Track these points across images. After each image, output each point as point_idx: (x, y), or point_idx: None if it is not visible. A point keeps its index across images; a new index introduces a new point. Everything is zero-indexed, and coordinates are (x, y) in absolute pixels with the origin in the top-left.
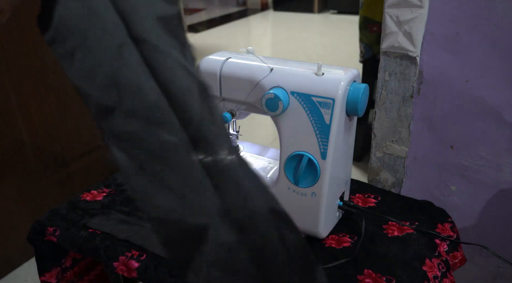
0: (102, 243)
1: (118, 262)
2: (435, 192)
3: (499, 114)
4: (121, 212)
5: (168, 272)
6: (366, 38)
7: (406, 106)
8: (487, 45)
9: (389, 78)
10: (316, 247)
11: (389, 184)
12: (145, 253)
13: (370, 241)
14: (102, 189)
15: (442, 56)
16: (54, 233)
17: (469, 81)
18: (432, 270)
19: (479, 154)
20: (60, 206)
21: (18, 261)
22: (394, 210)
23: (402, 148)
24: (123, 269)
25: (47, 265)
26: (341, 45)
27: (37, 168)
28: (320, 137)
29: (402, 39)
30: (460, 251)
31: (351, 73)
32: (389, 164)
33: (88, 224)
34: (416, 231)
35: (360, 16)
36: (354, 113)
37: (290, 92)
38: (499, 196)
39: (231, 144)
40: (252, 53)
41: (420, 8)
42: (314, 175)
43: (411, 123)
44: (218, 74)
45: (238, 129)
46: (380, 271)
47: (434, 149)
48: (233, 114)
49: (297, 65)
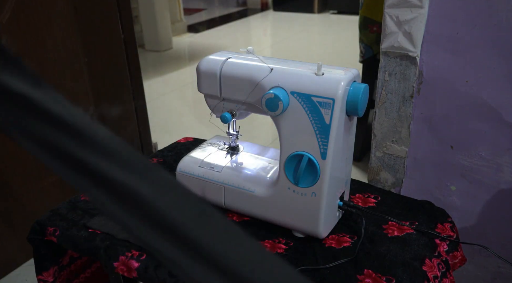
0: (102, 243)
1: (118, 262)
2: (435, 192)
3: (499, 114)
4: None
5: (168, 272)
6: (366, 38)
7: (406, 106)
8: (487, 45)
9: (389, 78)
10: (316, 247)
11: (389, 184)
12: (145, 253)
13: (370, 241)
14: None
15: (442, 56)
16: (54, 233)
17: (469, 81)
18: (432, 270)
19: (479, 154)
20: (60, 206)
21: (18, 261)
22: (394, 210)
23: (402, 148)
24: (123, 269)
25: (45, 265)
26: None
27: (37, 168)
28: (320, 137)
29: (402, 39)
30: (460, 251)
31: (351, 73)
32: (389, 164)
33: (88, 224)
34: (416, 231)
35: (360, 16)
36: (354, 113)
37: (290, 92)
38: (499, 196)
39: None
40: (252, 53)
41: (420, 8)
42: (314, 175)
43: (411, 123)
44: (218, 74)
45: (238, 129)
46: (380, 271)
47: (434, 149)
48: (233, 114)
49: (297, 65)
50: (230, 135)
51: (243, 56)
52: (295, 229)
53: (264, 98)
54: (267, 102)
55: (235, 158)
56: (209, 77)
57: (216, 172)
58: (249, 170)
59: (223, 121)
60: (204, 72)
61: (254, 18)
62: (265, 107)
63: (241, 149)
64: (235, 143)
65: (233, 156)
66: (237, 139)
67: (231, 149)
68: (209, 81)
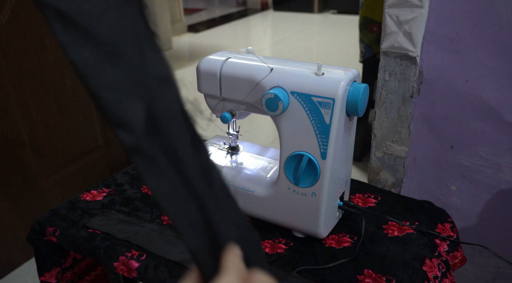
0: (102, 243)
1: (118, 262)
2: (435, 192)
3: (499, 114)
4: (121, 212)
5: (168, 272)
6: (366, 38)
7: (406, 106)
8: (487, 45)
9: (389, 78)
10: (316, 247)
11: (389, 184)
12: (145, 253)
13: (370, 241)
14: (102, 189)
15: (442, 56)
16: (54, 233)
17: (469, 81)
18: (432, 270)
19: (479, 154)
20: (60, 206)
21: (18, 261)
22: (394, 210)
23: (402, 148)
24: (123, 269)
25: (47, 265)
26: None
27: (37, 168)
28: (320, 137)
29: (402, 39)
30: (460, 251)
31: (351, 73)
32: (389, 164)
33: (88, 224)
34: (416, 231)
35: (360, 16)
36: (354, 113)
37: (290, 92)
38: (499, 196)
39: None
40: (252, 53)
41: (420, 8)
42: (314, 175)
43: (411, 123)
44: (218, 74)
45: (238, 129)
46: (380, 271)
47: (434, 149)
48: (233, 114)
49: (297, 65)
50: (230, 135)
51: (243, 56)
52: (295, 229)
53: (264, 98)
54: (267, 102)
55: (235, 158)
56: (209, 77)
57: None
58: (249, 170)
59: (223, 121)
60: (204, 72)
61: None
62: (265, 107)
63: (241, 149)
64: (235, 143)
65: (233, 156)
66: (237, 139)
67: (231, 149)
68: (209, 81)
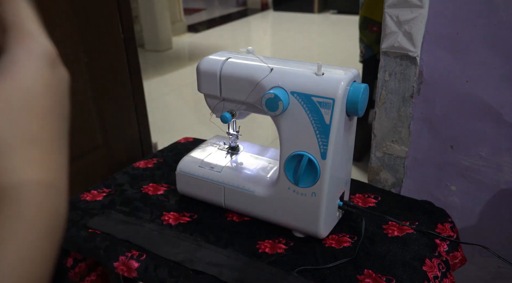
0: (102, 243)
1: (118, 262)
2: (435, 192)
3: (499, 114)
4: (121, 212)
5: (168, 272)
6: (366, 38)
7: (406, 106)
8: (487, 45)
9: (389, 78)
10: (316, 247)
11: (389, 184)
12: (145, 253)
13: (370, 241)
14: (102, 189)
15: (442, 56)
16: None
17: (469, 81)
18: (432, 270)
19: (479, 154)
20: None
21: None
22: (394, 210)
23: (402, 148)
24: (123, 269)
25: None
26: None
27: None
28: (320, 137)
29: (402, 39)
30: (460, 251)
31: (351, 73)
32: (389, 164)
33: (88, 224)
34: (416, 231)
35: (360, 16)
36: (354, 113)
37: (290, 92)
38: (499, 196)
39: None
40: (252, 53)
41: (420, 8)
42: (314, 175)
43: (411, 123)
44: (218, 74)
45: (238, 129)
46: (380, 271)
47: (434, 149)
48: (233, 114)
49: (297, 65)
50: (230, 135)
51: (243, 56)
52: (295, 229)
53: (264, 98)
54: (267, 102)
55: (235, 158)
56: (209, 77)
57: (216, 172)
58: (249, 170)
59: (223, 121)
60: (204, 72)
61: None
62: (265, 107)
63: (241, 149)
64: (235, 143)
65: (233, 156)
66: (237, 139)
67: (231, 149)
68: (209, 81)
